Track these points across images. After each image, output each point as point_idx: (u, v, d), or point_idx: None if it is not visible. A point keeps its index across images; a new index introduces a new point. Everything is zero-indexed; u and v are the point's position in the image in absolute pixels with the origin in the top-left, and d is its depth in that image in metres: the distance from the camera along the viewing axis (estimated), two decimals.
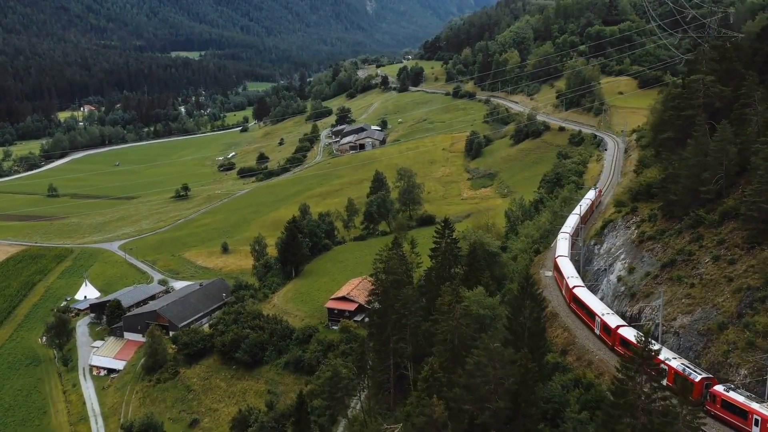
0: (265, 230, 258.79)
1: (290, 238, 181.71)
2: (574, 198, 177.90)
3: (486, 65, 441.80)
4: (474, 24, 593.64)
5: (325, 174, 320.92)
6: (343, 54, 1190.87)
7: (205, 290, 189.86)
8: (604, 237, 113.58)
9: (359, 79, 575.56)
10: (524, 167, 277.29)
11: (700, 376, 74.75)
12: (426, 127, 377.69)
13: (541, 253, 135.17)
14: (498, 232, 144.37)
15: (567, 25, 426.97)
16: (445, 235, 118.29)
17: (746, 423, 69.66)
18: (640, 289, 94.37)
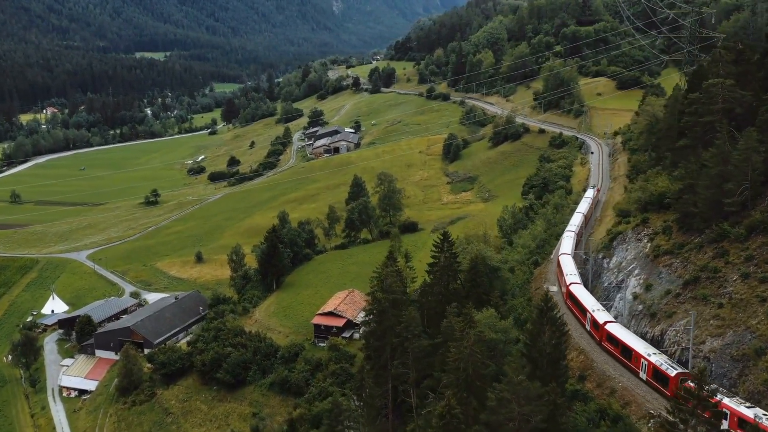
0: (240, 238, 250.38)
1: (271, 249, 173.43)
2: (566, 204, 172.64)
3: (460, 66, 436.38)
4: (445, 24, 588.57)
5: (300, 178, 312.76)
6: (311, 54, 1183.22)
7: (180, 304, 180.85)
8: (613, 250, 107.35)
9: (330, 81, 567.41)
10: (505, 170, 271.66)
11: (675, 371, 77.02)
12: (401, 129, 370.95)
13: (540, 266, 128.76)
14: (495, 243, 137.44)
15: (541, 26, 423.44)
16: (444, 249, 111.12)
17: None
18: (661, 309, 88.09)
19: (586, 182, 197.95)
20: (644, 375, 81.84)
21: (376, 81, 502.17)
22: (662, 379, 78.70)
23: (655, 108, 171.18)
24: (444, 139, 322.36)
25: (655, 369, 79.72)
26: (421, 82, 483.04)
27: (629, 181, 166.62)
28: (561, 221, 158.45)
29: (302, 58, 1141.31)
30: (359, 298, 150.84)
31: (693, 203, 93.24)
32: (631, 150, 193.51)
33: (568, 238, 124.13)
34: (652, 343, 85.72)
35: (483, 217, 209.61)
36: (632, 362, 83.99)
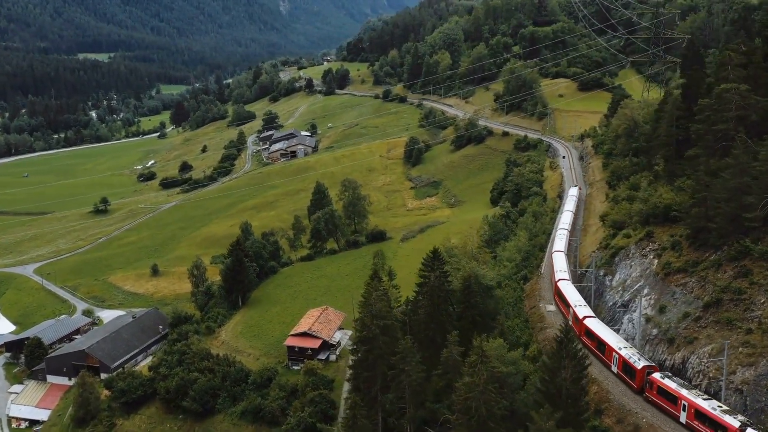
0: (196, 248, 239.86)
1: (236, 264, 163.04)
2: (544, 212, 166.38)
3: (416, 67, 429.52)
4: (397, 25, 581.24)
5: (257, 184, 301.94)
6: (259, 55, 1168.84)
7: (139, 323, 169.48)
8: (616, 266, 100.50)
9: (282, 82, 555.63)
10: (470, 174, 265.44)
11: (642, 363, 79.42)
12: (359, 132, 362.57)
13: (530, 281, 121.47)
14: (482, 258, 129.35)
15: (498, 26, 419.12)
16: (435, 267, 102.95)
17: (676, 408, 73.10)
18: (680, 334, 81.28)
19: (560, 188, 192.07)
20: (615, 368, 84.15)
21: (330, 82, 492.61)
22: (630, 372, 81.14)
23: (635, 112, 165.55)
24: (405, 143, 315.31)
25: (624, 362, 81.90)
26: (376, 83, 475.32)
27: (609, 188, 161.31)
28: (542, 230, 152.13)
29: (250, 59, 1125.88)
30: (334, 316, 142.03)
31: (706, 217, 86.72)
32: (605, 154, 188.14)
33: (561, 236, 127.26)
34: (673, 372, 78.92)
35: (454, 224, 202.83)
36: (605, 356, 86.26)
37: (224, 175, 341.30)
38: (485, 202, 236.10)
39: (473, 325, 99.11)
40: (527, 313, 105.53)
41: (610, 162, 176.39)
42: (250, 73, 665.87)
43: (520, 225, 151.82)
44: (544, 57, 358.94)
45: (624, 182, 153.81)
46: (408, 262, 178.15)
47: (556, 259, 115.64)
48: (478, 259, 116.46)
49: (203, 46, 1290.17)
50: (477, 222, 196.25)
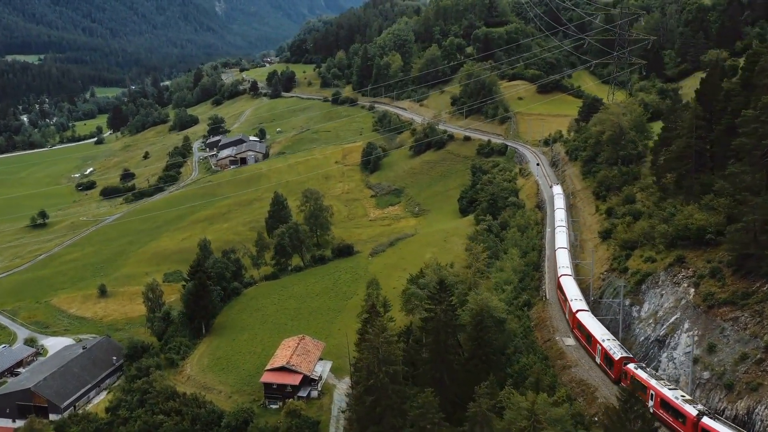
0: (146, 265, 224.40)
1: (199, 288, 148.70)
2: (530, 225, 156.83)
3: (365, 69, 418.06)
4: (342, 26, 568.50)
5: (207, 194, 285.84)
6: (196, 56, 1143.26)
7: (90, 354, 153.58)
8: (643, 295, 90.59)
9: (226, 85, 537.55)
10: (432, 181, 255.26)
11: (620, 354, 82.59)
12: (311, 137, 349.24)
13: (534, 307, 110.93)
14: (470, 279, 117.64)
15: (449, 27, 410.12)
16: (441, 300, 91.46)
17: (645, 397, 74.14)
18: (739, 379, 71.55)
19: (537, 197, 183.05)
20: (598, 359, 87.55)
21: (276, 85, 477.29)
22: (609, 362, 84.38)
23: (621, 118, 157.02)
24: (361, 148, 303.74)
25: (605, 353, 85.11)
26: (323, 86, 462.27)
27: (597, 199, 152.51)
28: (531, 246, 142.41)
29: (187, 61, 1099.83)
30: (312, 346, 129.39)
31: (755, 242, 77.33)
32: (584, 161, 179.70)
33: (561, 233, 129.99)
34: (736, 423, 69.02)
35: (424, 236, 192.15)
36: (592, 347, 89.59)
37: (171, 183, 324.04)
38: (452, 210, 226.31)
39: (486, 365, 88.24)
40: (542, 348, 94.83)
41: (591, 170, 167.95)
42: (190, 75, 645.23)
43: (507, 241, 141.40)
44: (499, 58, 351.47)
45: (614, 193, 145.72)
46: (381, 279, 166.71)
47: (560, 255, 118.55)
48: (479, 285, 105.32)
49: (138, 48, 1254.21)
50: (449, 233, 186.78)
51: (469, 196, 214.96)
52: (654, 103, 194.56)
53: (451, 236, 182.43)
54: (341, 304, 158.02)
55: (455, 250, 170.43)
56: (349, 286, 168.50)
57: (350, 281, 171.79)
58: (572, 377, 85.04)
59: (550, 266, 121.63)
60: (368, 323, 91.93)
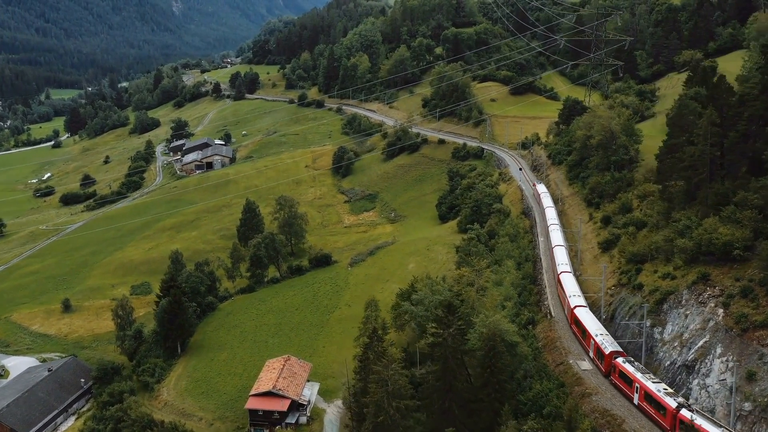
0: (112, 277, 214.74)
1: (174, 306, 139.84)
2: (520, 234, 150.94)
3: (332, 70, 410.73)
4: (305, 26, 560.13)
5: (173, 200, 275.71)
6: (153, 57, 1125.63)
7: (56, 377, 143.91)
8: (665, 315, 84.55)
9: (187, 87, 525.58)
10: (407, 186, 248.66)
11: (610, 349, 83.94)
12: (278, 140, 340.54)
13: (539, 325, 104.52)
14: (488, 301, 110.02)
15: (416, 28, 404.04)
16: (450, 323, 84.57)
17: (631, 389, 77.76)
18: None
19: (523, 203, 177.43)
20: (592, 354, 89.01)
21: (239, 87, 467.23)
22: (600, 356, 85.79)
23: (612, 123, 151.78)
24: (331, 152, 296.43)
25: (598, 347, 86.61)
26: (288, 87, 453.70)
27: (588, 206, 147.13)
28: (524, 257, 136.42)
29: (145, 62, 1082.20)
30: (299, 368, 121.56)
31: None
32: (569, 166, 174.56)
33: (555, 231, 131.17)
34: None
35: (405, 245, 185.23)
36: (586, 342, 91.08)
37: (134, 189, 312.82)
38: (430, 216, 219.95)
39: (499, 393, 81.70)
40: (555, 373, 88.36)
41: (579, 175, 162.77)
42: (150, 76, 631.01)
43: (499, 251, 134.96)
44: (469, 59, 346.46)
45: (608, 200, 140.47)
46: (363, 291, 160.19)
47: (557, 253, 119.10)
48: (485, 304, 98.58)
49: (93, 48, 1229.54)
50: (431, 242, 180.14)
51: (449, 202, 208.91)
52: (633, 104, 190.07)
53: (434, 245, 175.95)
54: (323, 319, 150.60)
55: (439, 260, 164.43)
56: (329, 299, 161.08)
57: (331, 293, 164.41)
58: (594, 406, 78.69)
59: (551, 281, 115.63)
60: (370, 349, 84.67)
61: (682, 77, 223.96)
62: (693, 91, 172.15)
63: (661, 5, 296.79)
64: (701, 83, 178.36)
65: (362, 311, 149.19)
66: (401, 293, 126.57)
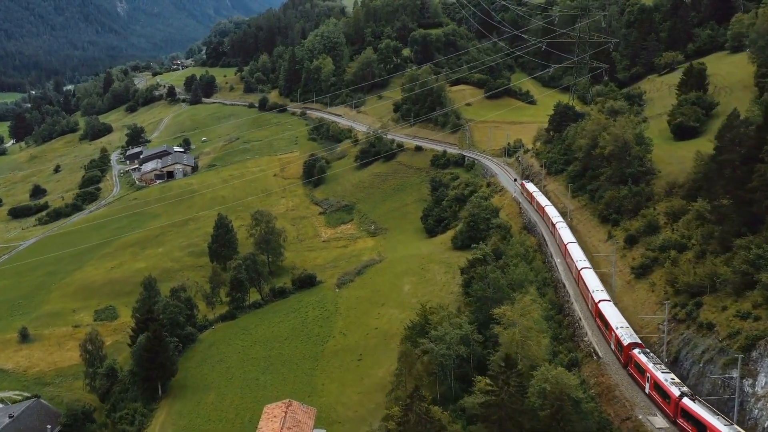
0: (72, 300, 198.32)
1: (155, 343, 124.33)
2: (529, 254, 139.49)
3: (294, 73, 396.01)
4: (261, 27, 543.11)
5: (134, 213, 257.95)
6: (99, 59, 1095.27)
7: (18, 425, 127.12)
8: (756, 365, 72.94)
9: (140, 90, 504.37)
10: (386, 196, 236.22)
11: (629, 341, 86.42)
12: (242, 147, 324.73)
13: (584, 366, 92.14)
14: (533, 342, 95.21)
15: (380, 29, 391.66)
16: (508, 379, 72.05)
17: (643, 379, 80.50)
18: None
19: (522, 218, 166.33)
20: (612, 345, 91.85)
21: (195, 90, 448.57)
22: (620, 348, 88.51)
23: (626, 132, 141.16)
24: (300, 159, 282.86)
25: (617, 339, 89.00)
26: (247, 91, 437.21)
27: (602, 221, 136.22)
28: (543, 281, 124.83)
29: (90, 64, 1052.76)
30: (302, 414, 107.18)
31: None
32: (571, 176, 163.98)
33: (564, 228, 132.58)
34: None
35: (396, 264, 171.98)
36: (608, 334, 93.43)
37: (90, 201, 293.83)
38: (413, 229, 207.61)
39: None
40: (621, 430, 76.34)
41: (586, 187, 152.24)
42: (99, 79, 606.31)
43: (513, 275, 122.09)
44: (438, 61, 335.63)
45: (627, 216, 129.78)
46: (357, 317, 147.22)
47: (572, 250, 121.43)
48: (531, 348, 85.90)
49: (36, 50, 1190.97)
50: (425, 260, 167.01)
51: (436, 215, 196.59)
52: (623, 109, 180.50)
53: (429, 263, 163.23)
54: (317, 351, 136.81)
55: (438, 281, 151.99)
56: (320, 326, 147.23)
57: (320, 320, 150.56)
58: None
59: (584, 311, 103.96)
60: (410, 410, 71.68)
61: (665, 79, 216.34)
62: (694, 95, 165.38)
63: (633, 5, 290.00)
64: (697, 87, 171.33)
65: (359, 340, 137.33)
66: (413, 327, 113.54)
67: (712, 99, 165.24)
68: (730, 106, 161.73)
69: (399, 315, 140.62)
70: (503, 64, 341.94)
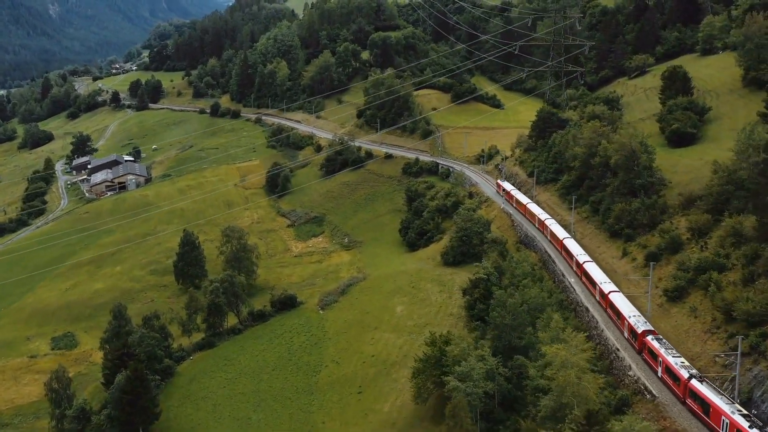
0: (25, 326, 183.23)
1: (136, 384, 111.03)
2: (535, 273, 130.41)
3: (246, 78, 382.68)
4: (207, 30, 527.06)
5: (86, 228, 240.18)
6: (32, 63, 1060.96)
7: None
8: None
9: (81, 96, 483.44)
10: (356, 206, 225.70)
11: (642, 328, 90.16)
12: (197, 155, 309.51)
13: (636, 405, 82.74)
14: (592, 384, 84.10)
15: (336, 32, 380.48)
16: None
17: (656, 364, 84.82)
18: None
19: (515, 230, 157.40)
20: (626, 333, 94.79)
21: (142, 96, 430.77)
22: (633, 335, 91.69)
23: (632, 140, 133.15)
24: (260, 167, 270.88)
25: (631, 328, 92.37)
26: (196, 96, 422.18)
27: (611, 236, 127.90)
28: (560, 304, 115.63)
29: (23, 68, 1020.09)
30: None
31: None
32: (565, 187, 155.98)
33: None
34: None
35: (384, 281, 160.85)
36: (620, 323, 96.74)
37: (36, 215, 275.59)
38: (391, 242, 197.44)
39: None
40: None
41: (588, 198, 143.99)
42: (36, 84, 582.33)
43: (528, 297, 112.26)
44: (399, 65, 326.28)
45: (642, 231, 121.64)
46: (349, 343, 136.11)
47: (570, 245, 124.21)
48: (587, 391, 76.11)
49: None
50: (414, 277, 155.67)
51: (417, 227, 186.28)
52: (605, 114, 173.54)
53: (419, 281, 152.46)
54: (310, 382, 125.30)
55: (434, 302, 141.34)
56: (309, 353, 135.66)
57: (308, 346, 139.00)
58: None
59: (621, 341, 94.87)
60: None
61: (638, 83, 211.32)
62: (684, 100, 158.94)
63: (594, 8, 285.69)
64: (683, 91, 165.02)
65: (356, 369, 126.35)
66: (426, 359, 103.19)
67: (703, 103, 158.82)
68: (721, 111, 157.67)
69: (396, 340, 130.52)
70: (463, 68, 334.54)
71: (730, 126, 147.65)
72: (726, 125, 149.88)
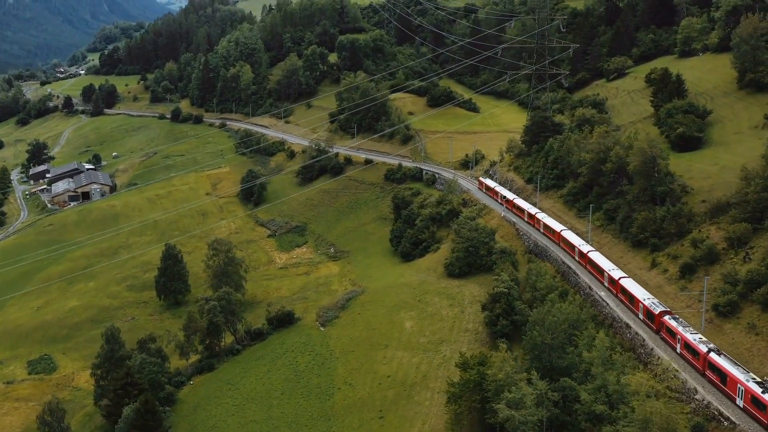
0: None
1: (148, 419, 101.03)
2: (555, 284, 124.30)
3: (208, 82, 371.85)
4: (161, 33, 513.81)
5: (52, 241, 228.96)
6: None
7: None
8: None
9: (31, 101, 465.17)
10: (339, 215, 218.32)
11: (659, 309, 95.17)
12: (162, 163, 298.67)
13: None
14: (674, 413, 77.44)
15: (299, 34, 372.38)
16: None
17: (674, 341, 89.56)
18: None
19: (522, 240, 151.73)
20: (641, 316, 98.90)
21: (96, 101, 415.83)
22: (650, 317, 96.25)
23: (651, 146, 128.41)
24: (231, 174, 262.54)
25: (647, 310, 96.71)
26: (154, 101, 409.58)
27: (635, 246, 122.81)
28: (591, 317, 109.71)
29: None
30: None
31: None
32: (572, 194, 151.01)
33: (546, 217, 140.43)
34: None
35: (385, 294, 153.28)
36: (635, 306, 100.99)
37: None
38: (380, 252, 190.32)
39: None
40: None
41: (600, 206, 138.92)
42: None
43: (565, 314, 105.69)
44: (368, 68, 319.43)
45: (669, 241, 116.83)
46: (360, 362, 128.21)
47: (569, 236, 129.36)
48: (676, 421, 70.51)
49: None
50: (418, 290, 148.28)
51: (410, 236, 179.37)
52: (594, 117, 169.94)
53: (424, 294, 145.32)
54: (325, 407, 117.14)
55: (445, 317, 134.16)
56: (318, 375, 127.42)
57: (315, 367, 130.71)
58: None
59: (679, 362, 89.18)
60: None
61: (618, 85, 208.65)
62: (683, 103, 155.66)
63: (563, 9, 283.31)
64: (677, 94, 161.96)
65: (372, 391, 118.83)
66: (464, 383, 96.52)
67: (703, 106, 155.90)
68: (720, 114, 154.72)
69: (411, 359, 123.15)
70: (431, 70, 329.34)
71: (734, 129, 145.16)
72: (729, 129, 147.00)
